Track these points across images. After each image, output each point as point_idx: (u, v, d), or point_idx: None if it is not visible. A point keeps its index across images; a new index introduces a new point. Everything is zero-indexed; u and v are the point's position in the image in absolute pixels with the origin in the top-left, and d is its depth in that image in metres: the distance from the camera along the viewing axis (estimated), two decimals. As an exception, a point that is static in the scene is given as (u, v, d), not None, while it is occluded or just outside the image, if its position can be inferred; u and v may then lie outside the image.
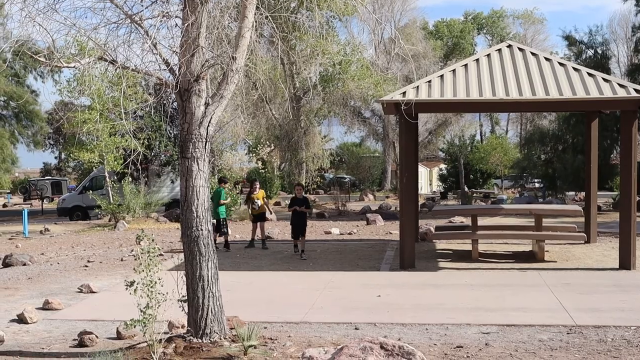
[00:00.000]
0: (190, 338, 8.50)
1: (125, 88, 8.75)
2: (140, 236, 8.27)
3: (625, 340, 8.94)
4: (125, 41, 8.47)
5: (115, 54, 8.48)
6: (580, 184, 28.66)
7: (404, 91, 15.00)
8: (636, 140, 14.93)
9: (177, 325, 9.29)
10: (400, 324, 9.94)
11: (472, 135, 61.22)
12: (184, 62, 8.41)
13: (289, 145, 40.12)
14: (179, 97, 8.63)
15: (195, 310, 8.58)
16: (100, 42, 8.47)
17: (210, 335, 8.54)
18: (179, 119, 8.78)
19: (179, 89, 8.52)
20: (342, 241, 20.45)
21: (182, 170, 8.66)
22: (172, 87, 8.49)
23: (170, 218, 28.84)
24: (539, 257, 15.90)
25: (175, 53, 8.60)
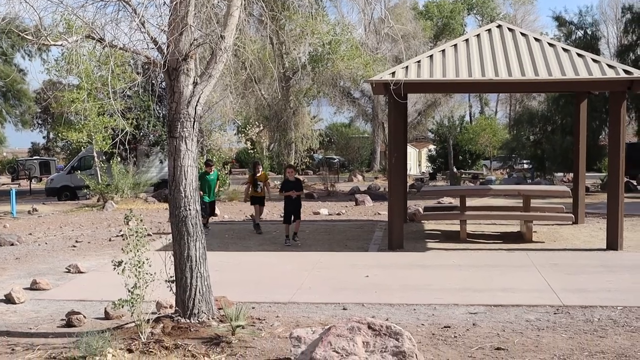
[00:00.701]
0: (178, 318, 8.51)
1: (113, 67, 8.69)
2: (128, 216, 8.24)
3: (611, 320, 8.99)
4: (113, 19, 8.41)
5: (103, 32, 8.42)
6: (568, 165, 28.75)
7: (394, 71, 14.97)
8: (624, 121, 14.96)
9: (165, 306, 9.29)
10: (388, 304, 9.97)
11: (461, 116, 61.18)
12: (172, 41, 8.35)
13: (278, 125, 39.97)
14: (167, 77, 8.58)
15: (183, 291, 8.58)
16: (87, 20, 8.39)
17: (198, 316, 8.54)
18: (168, 99, 8.73)
19: (167, 68, 8.47)
20: (331, 222, 20.47)
21: (171, 150, 8.63)
22: (160, 66, 8.44)
23: (159, 198, 28.80)
24: (527, 237, 15.96)
25: (164, 32, 8.54)
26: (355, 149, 60.73)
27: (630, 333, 8.38)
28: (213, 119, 33.58)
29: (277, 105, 39.28)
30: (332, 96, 46.32)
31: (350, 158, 60.87)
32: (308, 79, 39.69)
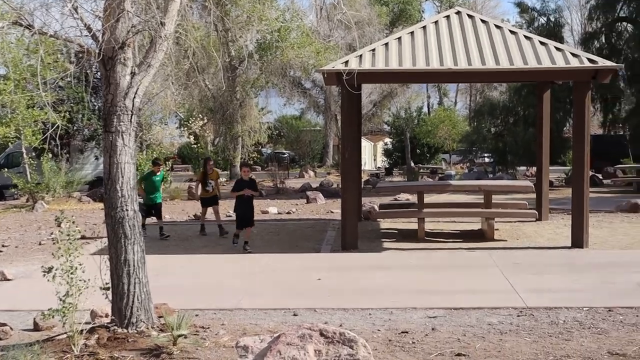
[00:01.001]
0: (115, 328, 8.40)
1: (43, 56, 8.57)
2: (59, 218, 8.11)
3: (577, 321, 9.11)
4: (43, 4, 8.26)
5: (32, 18, 8.27)
6: (531, 159, 29.08)
7: (347, 60, 14.99)
8: (589, 112, 15.18)
9: (100, 315, 9.16)
10: (342, 309, 9.97)
11: (418, 107, 61.56)
12: (107, 28, 8.23)
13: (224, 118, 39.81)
14: (103, 66, 8.46)
15: (120, 298, 8.47)
16: (15, 5, 8.24)
17: (136, 325, 8.44)
18: (103, 90, 8.62)
19: (102, 57, 8.34)
20: (281, 221, 20.43)
21: (106, 146, 8.51)
22: (95, 55, 8.32)
23: (94, 198, 28.44)
24: (489, 236, 16.11)
25: (99, 18, 8.42)
26: (306, 143, 60.77)
27: (596, 335, 8.49)
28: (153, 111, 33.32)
29: (223, 96, 39.12)
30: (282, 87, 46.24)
31: (301, 153, 60.89)
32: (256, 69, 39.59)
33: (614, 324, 8.98)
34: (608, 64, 14.79)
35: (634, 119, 30.55)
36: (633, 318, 9.26)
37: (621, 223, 18.46)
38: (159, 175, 17.68)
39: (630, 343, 8.15)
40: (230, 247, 15.56)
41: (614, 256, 13.88)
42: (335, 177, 41.03)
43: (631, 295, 10.51)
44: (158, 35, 8.52)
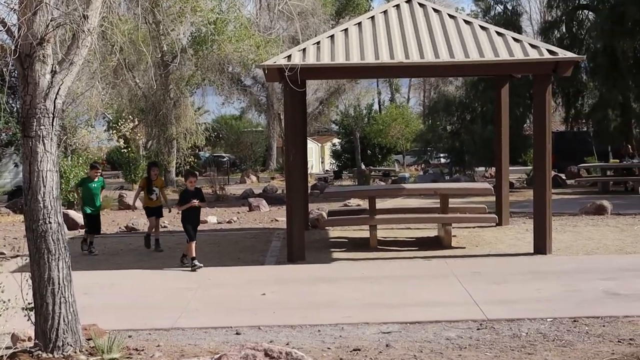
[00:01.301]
0: (39, 353, 8.29)
1: (-48, 53, 8.41)
2: (-26, 233, 7.99)
3: (540, 334, 9.23)
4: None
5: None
6: (490, 158, 29.41)
7: (289, 54, 15.00)
8: (550, 107, 15.39)
9: (22, 338, 9.02)
10: (289, 326, 9.97)
11: (369, 104, 61.84)
12: (24, 22, 8.13)
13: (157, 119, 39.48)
14: (20, 64, 8.34)
15: (44, 320, 8.36)
16: None
17: (62, 349, 8.34)
18: (21, 91, 8.51)
19: (18, 54, 8.23)
20: (221, 231, 20.37)
21: (25, 152, 8.40)
22: (10, 52, 8.21)
23: (15, 209, 28.01)
24: (446, 242, 16.23)
25: (14, 11, 8.32)
26: (247, 145, 60.65)
27: (561, 348, 8.61)
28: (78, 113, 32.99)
29: (155, 95, 38.81)
30: (220, 84, 46.05)
31: (242, 156, 60.75)
32: (190, 65, 39.36)
33: (579, 336, 9.12)
34: (569, 56, 15.02)
35: (597, 114, 31.09)
36: (599, 328, 9.42)
37: (586, 226, 18.75)
38: (97, 181, 16.85)
39: (597, 355, 8.29)
40: (165, 262, 15.45)
41: (578, 262, 14.10)
42: (279, 182, 41.02)
43: (597, 304, 10.69)
44: (81, 30, 8.44)
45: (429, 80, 69.96)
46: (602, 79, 30.86)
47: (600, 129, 32.11)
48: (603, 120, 30.70)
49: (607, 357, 8.21)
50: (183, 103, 40.31)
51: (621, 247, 15.63)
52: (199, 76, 40.86)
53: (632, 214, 20.78)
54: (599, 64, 30.87)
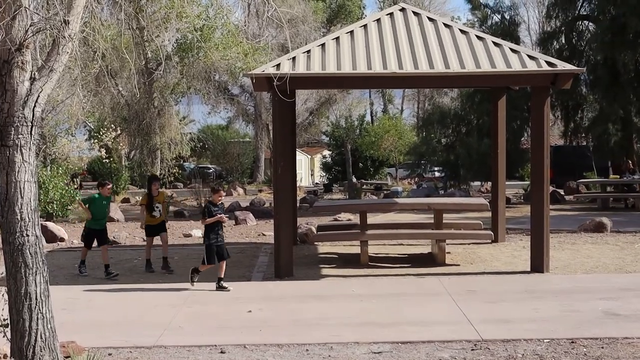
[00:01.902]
0: (15, 371, 8.25)
1: None
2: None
3: (537, 355, 9.24)
4: None
5: None
6: (486, 173, 29.47)
7: (278, 63, 15.02)
8: (549, 121, 15.43)
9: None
10: (276, 345, 9.95)
11: (361, 115, 61.96)
12: (2, 27, 8.12)
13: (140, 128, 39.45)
14: (-3, 71, 8.33)
15: (21, 336, 8.32)
16: None
17: (40, 367, 8.30)
18: (-3, 98, 8.48)
19: (-4, 61, 8.23)
20: (206, 245, 20.30)
21: (2, 162, 8.37)
22: (-13, 58, 8.20)
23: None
24: (440, 259, 16.24)
25: (-8, 15, 8.30)
26: (234, 156, 60.61)
27: (559, 370, 8.62)
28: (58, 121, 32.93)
29: (138, 104, 38.79)
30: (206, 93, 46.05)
31: (228, 167, 60.72)
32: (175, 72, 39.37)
33: (577, 357, 9.14)
34: (568, 68, 15.07)
35: (597, 128, 31.15)
36: (598, 350, 9.43)
37: (584, 244, 18.79)
38: (108, 198, 16.30)
39: (596, 378, 8.29)
40: (148, 277, 15.40)
41: (577, 281, 14.12)
42: (267, 195, 41.01)
43: (596, 324, 10.71)
44: (61, 35, 8.43)
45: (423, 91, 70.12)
46: (603, 92, 30.92)
47: (600, 144, 32.16)
48: (603, 135, 30.76)
49: (605, 380, 8.21)
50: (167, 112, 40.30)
51: (621, 266, 15.67)
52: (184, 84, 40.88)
53: (632, 231, 20.84)
54: (599, 77, 30.94)
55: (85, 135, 47.47)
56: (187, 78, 40.01)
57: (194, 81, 40.98)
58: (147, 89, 38.19)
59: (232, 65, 38.02)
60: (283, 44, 47.67)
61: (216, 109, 58.18)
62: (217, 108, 57.86)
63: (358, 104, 64.06)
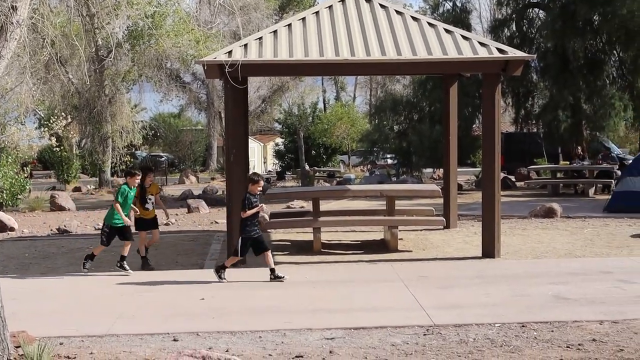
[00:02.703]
0: (-36, 361, 8.19)
1: None
2: None
3: (488, 339, 9.32)
4: None
5: None
6: (438, 159, 29.63)
7: (230, 50, 14.95)
8: (500, 108, 15.55)
9: (-53, 346, 8.91)
10: (229, 332, 9.94)
11: (313, 103, 61.97)
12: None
13: (91, 117, 39.10)
14: (-57, 58, 8.23)
15: (-30, 326, 8.25)
16: None
17: (-11, 357, 8.25)
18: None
19: (-58, 48, 8.12)
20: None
21: (-50, 150, 8.29)
22: None
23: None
24: (392, 246, 16.31)
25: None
26: (187, 145, 60.44)
27: (509, 354, 8.72)
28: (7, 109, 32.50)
29: (89, 92, 38.46)
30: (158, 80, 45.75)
31: (181, 155, 60.53)
32: (127, 60, 39.06)
33: (527, 341, 9.24)
34: (519, 55, 15.19)
35: (548, 114, 31.43)
36: (548, 334, 9.55)
37: (535, 230, 18.99)
38: (133, 190, 14.88)
39: (546, 361, 8.40)
40: (100, 266, 15.30)
41: (527, 266, 14.28)
42: (220, 183, 40.89)
43: (546, 308, 10.83)
44: (9, 22, 8.34)
45: (376, 78, 70.18)
46: (553, 79, 31.21)
47: (550, 130, 32.46)
48: (553, 121, 31.03)
49: (555, 363, 8.33)
50: (119, 100, 39.98)
51: (570, 251, 15.86)
52: (135, 72, 40.57)
53: (581, 217, 21.10)
54: (550, 64, 31.22)
55: (35, 123, 46.89)
56: (139, 66, 39.71)
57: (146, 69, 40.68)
58: (98, 76, 37.87)
59: (184, 52, 37.77)
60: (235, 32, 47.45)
61: (168, 96, 57.80)
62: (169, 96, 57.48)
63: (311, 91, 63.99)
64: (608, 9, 28.24)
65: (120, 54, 37.55)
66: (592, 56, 31.66)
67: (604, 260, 14.74)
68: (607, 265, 14.10)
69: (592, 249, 16.08)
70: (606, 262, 14.54)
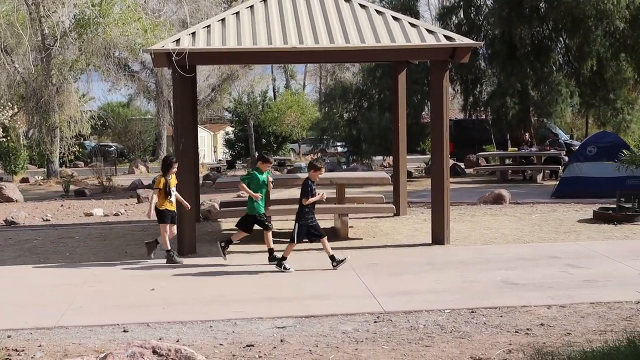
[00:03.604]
0: None
1: None
2: None
3: (438, 325, 9.40)
4: None
5: None
6: (388, 147, 29.71)
7: (178, 38, 14.86)
8: (448, 95, 15.63)
9: None
10: (179, 322, 9.91)
11: (263, 91, 61.77)
12: None
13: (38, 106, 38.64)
14: None
15: None
16: None
17: None
18: None
19: None
20: (107, 224, 20.09)
21: None
22: None
23: None
24: (342, 234, 16.36)
25: None
26: (136, 134, 59.97)
27: (458, 339, 8.79)
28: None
29: (36, 81, 38.00)
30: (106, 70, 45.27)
31: (130, 145, 60.05)
32: (74, 49, 38.66)
33: (477, 327, 9.33)
34: (466, 42, 15.28)
35: (496, 101, 31.60)
36: (497, 319, 9.64)
37: (484, 216, 19.15)
38: (264, 175, 14.46)
39: (494, 346, 8.48)
40: (48, 257, 15.15)
41: (476, 252, 14.40)
42: (170, 172, 40.63)
43: (495, 294, 10.95)
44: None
45: (325, 66, 70.28)
46: (500, 66, 31.40)
47: (498, 117, 32.64)
48: (501, 108, 31.21)
49: (504, 348, 8.41)
50: (67, 89, 39.56)
51: (519, 237, 16.02)
52: (83, 61, 40.14)
53: (529, 202, 21.31)
54: (497, 51, 31.41)
55: (-20, 114, 46.28)
56: (86, 54, 39.29)
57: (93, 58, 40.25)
58: (44, 66, 37.43)
59: (132, 41, 37.46)
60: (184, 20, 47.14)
61: (117, 86, 57.21)
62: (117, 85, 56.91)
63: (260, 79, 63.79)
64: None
65: (67, 43, 37.12)
66: (539, 43, 31.90)
67: (552, 246, 14.91)
68: (554, 250, 14.28)
69: (540, 235, 16.25)
70: (554, 247, 14.72)
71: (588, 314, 9.82)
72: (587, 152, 22.39)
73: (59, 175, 38.71)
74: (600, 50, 30.08)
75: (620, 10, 27.80)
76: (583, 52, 30.24)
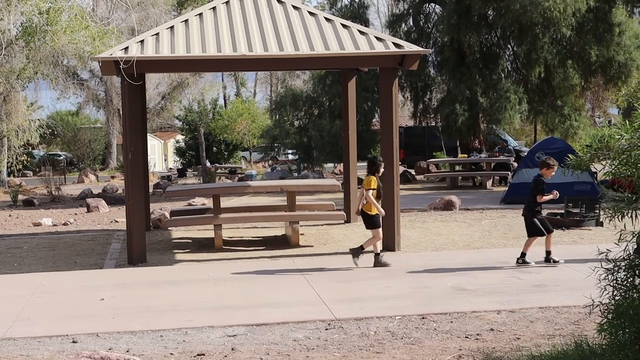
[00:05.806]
0: None
1: None
2: None
3: (389, 332, 9.42)
4: None
5: None
6: (339, 154, 29.81)
7: (127, 46, 14.77)
8: (397, 102, 15.71)
9: None
10: (130, 332, 9.83)
11: (214, 99, 61.71)
12: None
13: (-15, 115, 38.30)
14: None
15: None
16: None
17: None
18: None
19: None
20: (56, 234, 19.88)
21: None
22: None
23: None
24: (293, 241, 16.35)
25: None
26: (85, 143, 59.55)
27: (409, 346, 8.81)
28: None
29: (-17, 90, 37.58)
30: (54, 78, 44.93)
31: (80, 154, 59.60)
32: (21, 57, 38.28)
33: (427, 333, 9.36)
34: (415, 49, 15.36)
35: (445, 108, 31.81)
36: (447, 325, 9.69)
37: (434, 222, 19.25)
38: None
39: (444, 352, 8.52)
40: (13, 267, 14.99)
41: (427, 259, 14.45)
42: (120, 181, 40.43)
43: (445, 300, 11.00)
44: None
45: (276, 74, 70.40)
46: (450, 73, 31.64)
47: (448, 124, 32.82)
48: (451, 115, 31.40)
49: (454, 353, 8.45)
50: (14, 98, 39.15)
51: (469, 243, 16.13)
52: (31, 69, 39.77)
53: (479, 208, 21.47)
54: (446, 58, 31.67)
55: None
56: (34, 63, 38.93)
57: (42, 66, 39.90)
58: (-9, 74, 37.00)
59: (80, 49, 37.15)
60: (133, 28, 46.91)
61: (65, 94, 56.91)
62: (66, 93, 56.60)
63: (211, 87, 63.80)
64: (502, 4, 28.71)
65: (15, 51, 36.74)
66: (487, 50, 32.23)
67: (502, 251, 15.02)
68: (504, 255, 14.37)
69: (489, 240, 16.38)
70: (503, 252, 14.82)
71: (537, 319, 9.90)
72: (535, 159, 22.58)
73: (7, 185, 38.30)
74: (547, 58, 30.46)
75: (567, 17, 28.12)
76: (531, 59, 30.61)
